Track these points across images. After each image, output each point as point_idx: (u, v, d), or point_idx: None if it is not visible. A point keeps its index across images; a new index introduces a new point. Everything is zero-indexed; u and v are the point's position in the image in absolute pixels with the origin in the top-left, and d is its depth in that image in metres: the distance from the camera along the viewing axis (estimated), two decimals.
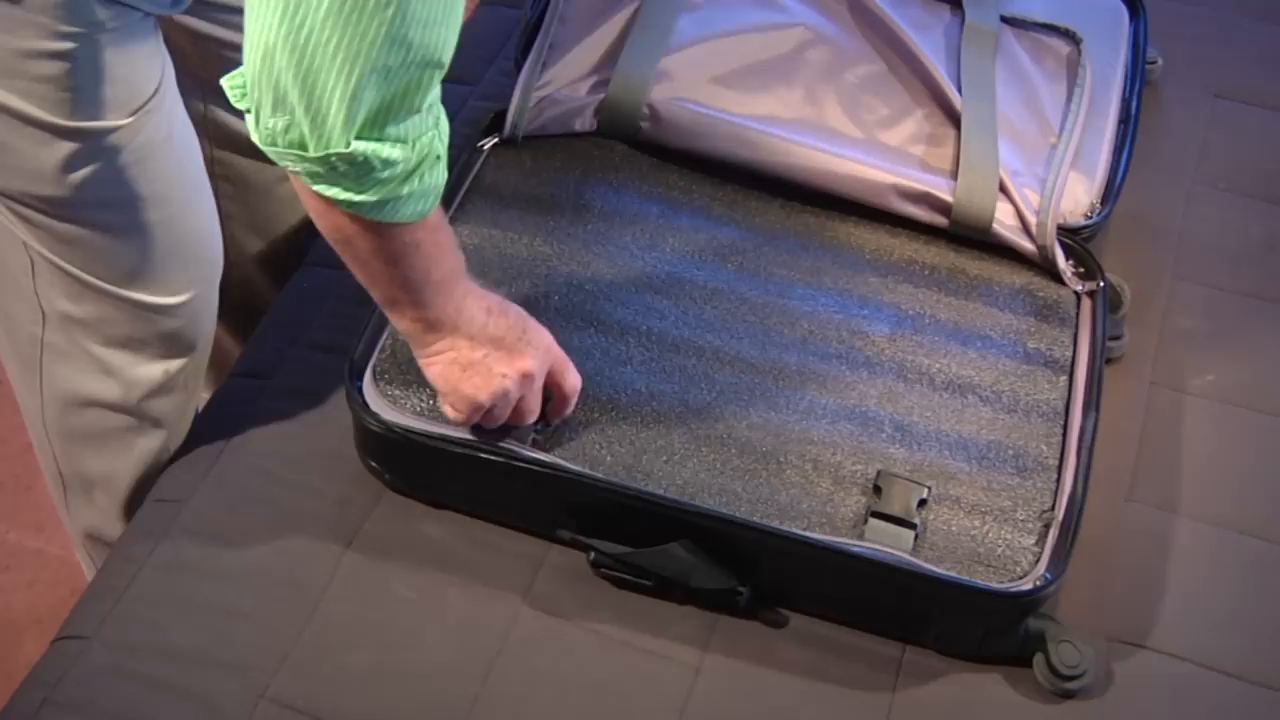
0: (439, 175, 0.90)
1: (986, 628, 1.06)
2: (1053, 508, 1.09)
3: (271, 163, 0.86)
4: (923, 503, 1.06)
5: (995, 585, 1.04)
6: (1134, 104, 1.38)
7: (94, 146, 1.00)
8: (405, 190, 0.87)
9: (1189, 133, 1.49)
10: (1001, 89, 1.32)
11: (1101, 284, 1.23)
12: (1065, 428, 1.16)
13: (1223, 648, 1.10)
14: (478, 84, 1.50)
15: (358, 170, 0.84)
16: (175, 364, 1.18)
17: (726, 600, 1.07)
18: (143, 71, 1.02)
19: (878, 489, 1.07)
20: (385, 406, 1.09)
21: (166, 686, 1.03)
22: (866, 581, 1.05)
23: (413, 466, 1.13)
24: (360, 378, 1.11)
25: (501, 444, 1.07)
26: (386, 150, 0.84)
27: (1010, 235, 1.24)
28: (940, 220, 1.25)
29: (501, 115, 1.30)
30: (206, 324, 1.20)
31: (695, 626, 1.08)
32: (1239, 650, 1.10)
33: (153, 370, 1.17)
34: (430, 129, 0.87)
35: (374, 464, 1.15)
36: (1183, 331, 1.31)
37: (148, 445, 1.22)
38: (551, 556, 1.10)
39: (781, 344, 1.17)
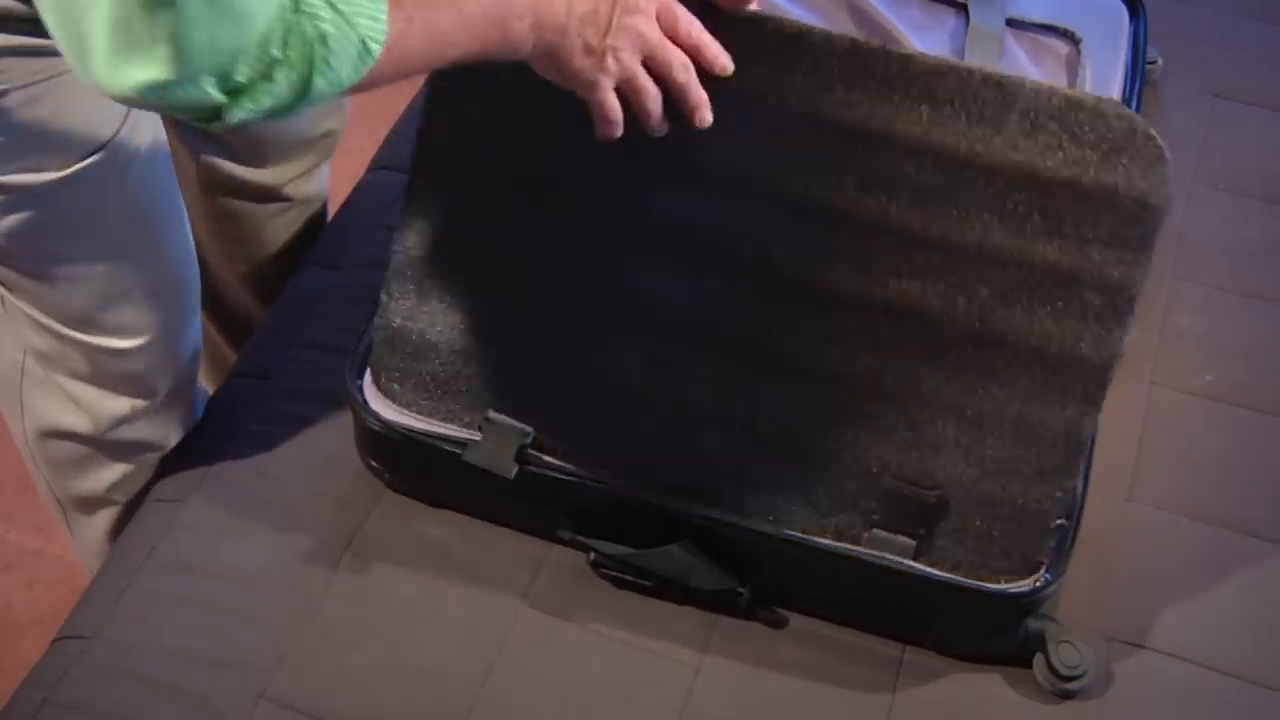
0: (344, 40, 0.74)
1: (986, 628, 1.06)
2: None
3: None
4: (924, 513, 1.06)
5: (995, 586, 1.04)
6: (1134, 104, 1.37)
7: (22, 198, 0.97)
8: (315, 91, 0.75)
9: (1189, 133, 1.49)
10: None
11: None
12: None
13: (1223, 648, 1.10)
14: None
15: (269, 114, 0.74)
16: (141, 402, 1.17)
17: (727, 601, 1.07)
18: (92, 121, 0.96)
19: (880, 496, 1.07)
20: (385, 406, 1.09)
21: (166, 686, 1.03)
22: (866, 583, 1.05)
23: (413, 466, 1.13)
24: (360, 377, 1.11)
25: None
26: (260, 97, 0.73)
27: None
28: None
29: None
30: (173, 365, 1.17)
31: (695, 626, 1.08)
32: (1239, 650, 1.10)
33: (118, 405, 1.16)
34: (278, 18, 0.71)
35: (374, 464, 1.15)
36: (1183, 331, 1.31)
37: (128, 469, 1.22)
38: (551, 556, 1.10)
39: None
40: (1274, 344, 1.31)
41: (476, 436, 1.07)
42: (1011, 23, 1.40)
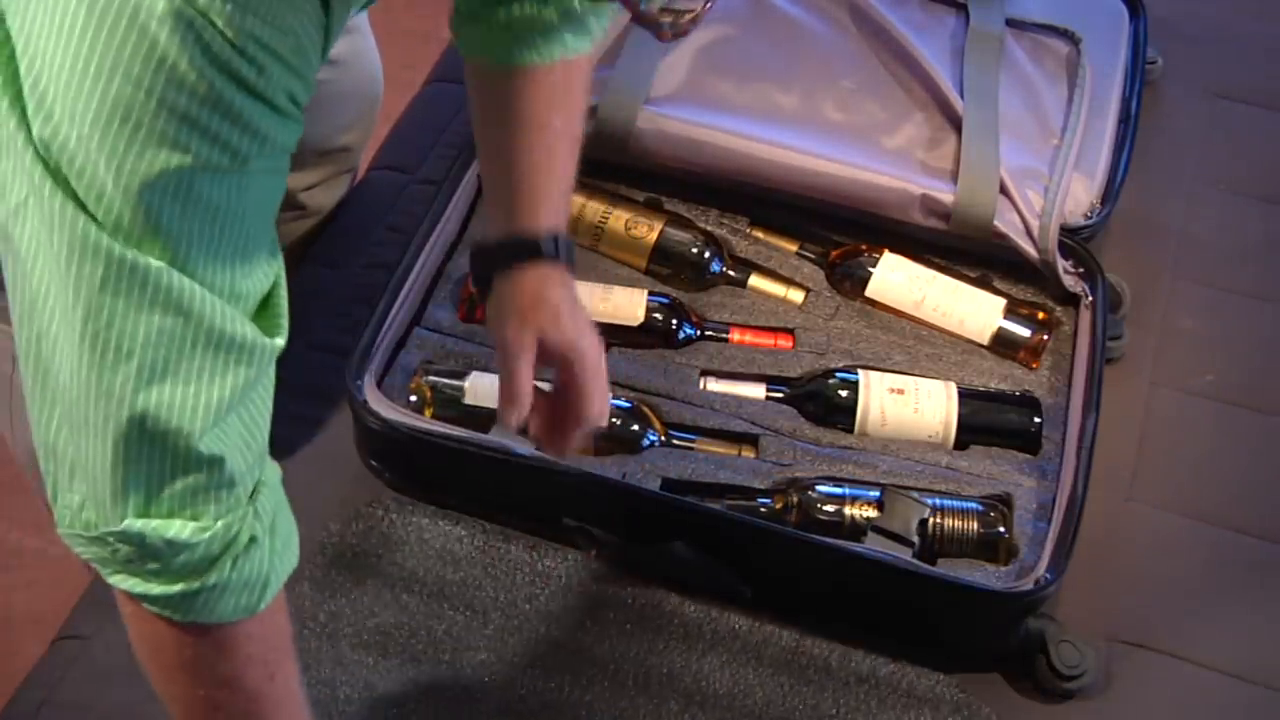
0: (257, 563, 0.74)
1: (986, 628, 1.06)
2: (1052, 507, 1.09)
3: None
4: (923, 522, 1.06)
5: (995, 585, 1.04)
6: (1134, 104, 1.38)
7: None
8: (212, 579, 0.72)
9: (1189, 133, 1.50)
10: (1002, 91, 1.32)
11: (1101, 284, 1.22)
12: (1065, 427, 1.16)
13: (1223, 648, 1.10)
14: None
15: (142, 553, 0.71)
16: None
17: (728, 599, 1.07)
18: None
19: (880, 504, 1.07)
20: (385, 405, 1.09)
21: None
22: (867, 582, 1.05)
23: (413, 465, 1.13)
24: (360, 377, 1.11)
25: (502, 443, 1.07)
26: (175, 529, 0.70)
27: (1011, 236, 1.23)
28: (939, 224, 1.25)
29: None
30: None
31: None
32: (1239, 650, 1.10)
33: None
34: (239, 507, 0.73)
35: (374, 463, 1.15)
36: (1183, 331, 1.31)
37: None
38: (552, 555, 1.10)
39: None
40: (1274, 344, 1.31)
41: (476, 436, 1.07)
42: (1011, 23, 1.40)
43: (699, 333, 1.22)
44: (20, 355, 0.69)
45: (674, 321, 1.21)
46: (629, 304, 1.20)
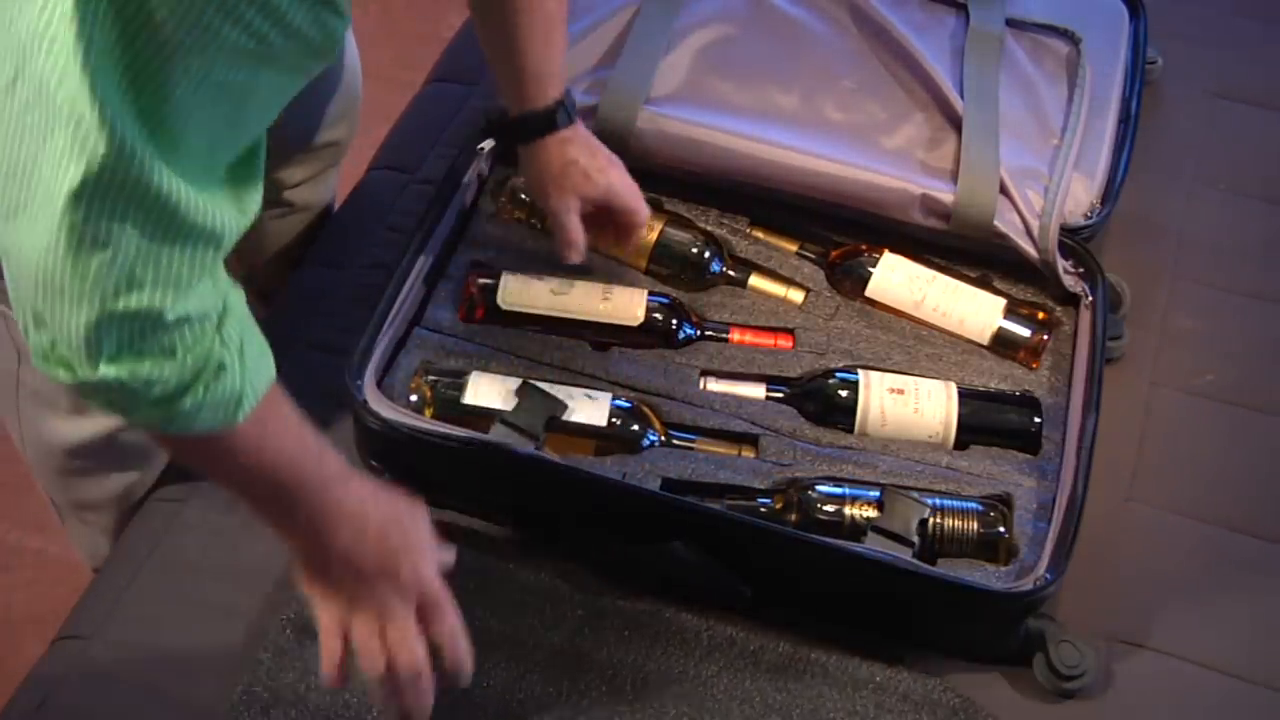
0: (229, 383, 0.78)
1: (986, 628, 1.06)
2: (1052, 507, 1.09)
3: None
4: (923, 522, 1.06)
5: (995, 585, 1.04)
6: (1134, 104, 1.38)
7: None
8: (185, 405, 0.76)
9: (1189, 133, 1.50)
10: (1002, 91, 1.32)
11: (1101, 284, 1.22)
12: (1065, 427, 1.16)
13: (1223, 648, 1.10)
14: (477, 84, 1.50)
15: (122, 394, 0.75)
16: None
17: (728, 599, 1.07)
18: None
19: (880, 504, 1.07)
20: (385, 405, 1.09)
21: (166, 686, 1.03)
22: (867, 582, 1.05)
23: (413, 465, 1.13)
24: (360, 377, 1.11)
25: (502, 444, 1.07)
26: (147, 368, 0.73)
27: (1011, 236, 1.23)
28: (939, 224, 1.25)
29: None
30: None
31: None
32: (1239, 650, 1.10)
33: (112, 420, 1.15)
34: (207, 336, 0.76)
35: (374, 463, 1.15)
36: (1183, 331, 1.31)
37: (127, 477, 1.22)
38: (553, 555, 1.10)
39: None
40: (1274, 344, 1.31)
41: (477, 436, 1.07)
42: (1011, 23, 1.40)
43: (699, 333, 1.22)
44: None
45: (674, 321, 1.21)
46: (629, 304, 1.20)
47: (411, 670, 0.91)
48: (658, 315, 1.21)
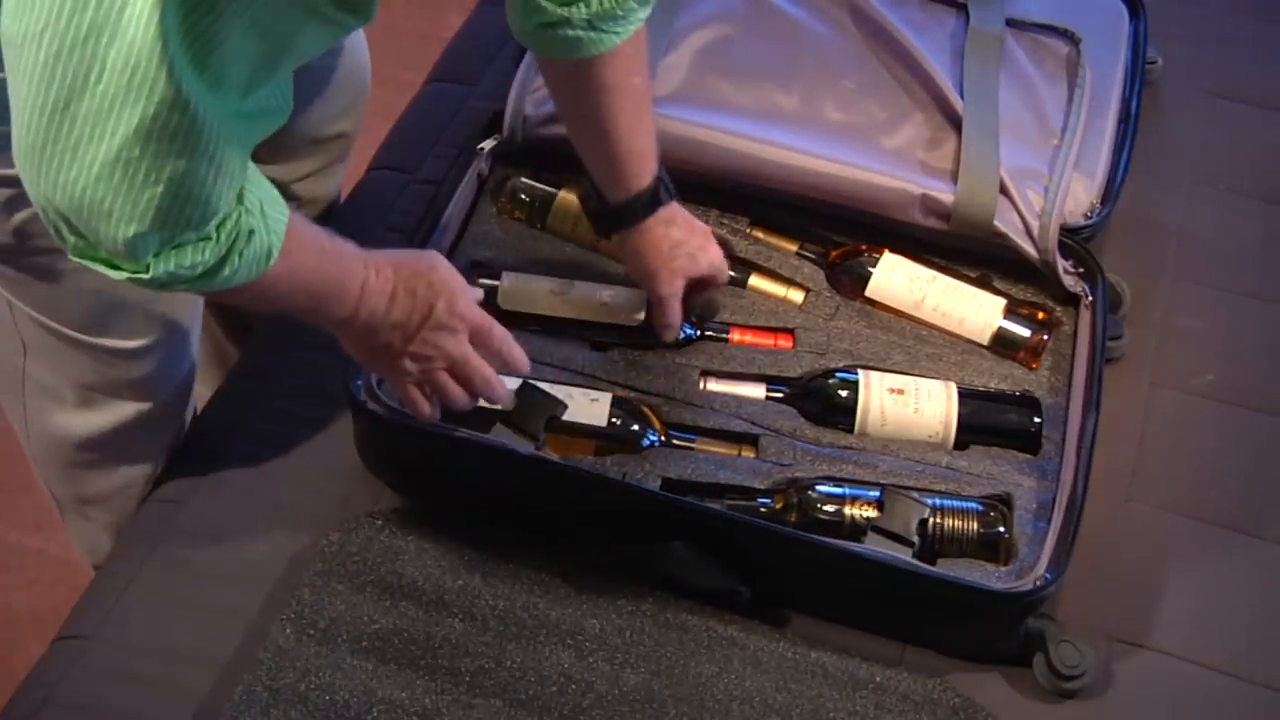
0: (259, 242, 0.86)
1: (986, 628, 1.06)
2: (1052, 507, 1.09)
3: None
4: (923, 522, 1.06)
5: (995, 585, 1.04)
6: (1134, 104, 1.38)
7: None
8: (226, 272, 0.84)
9: (1189, 133, 1.50)
10: (1002, 91, 1.32)
11: (1101, 284, 1.22)
12: (1065, 427, 1.16)
13: (1223, 648, 1.10)
14: (477, 84, 1.50)
15: (166, 280, 0.82)
16: (143, 406, 1.17)
17: (727, 600, 1.07)
18: None
19: (880, 504, 1.07)
20: (385, 405, 1.09)
21: (166, 686, 1.03)
22: (867, 582, 1.05)
23: (413, 465, 1.13)
24: (360, 377, 1.11)
25: (502, 443, 1.07)
26: (190, 255, 0.82)
27: (1011, 236, 1.23)
28: (939, 224, 1.24)
29: (499, 115, 1.30)
30: (175, 369, 1.18)
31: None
32: (1239, 650, 1.10)
33: (120, 410, 1.16)
34: (235, 212, 0.83)
35: (374, 462, 1.15)
36: (1183, 331, 1.31)
37: (131, 471, 1.22)
38: (551, 564, 1.10)
39: None
40: (1274, 344, 1.31)
41: (477, 436, 1.07)
42: (1011, 23, 1.40)
43: (699, 333, 1.22)
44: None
45: None
46: (629, 304, 1.20)
47: (486, 389, 1.04)
48: None
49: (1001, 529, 1.08)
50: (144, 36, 0.69)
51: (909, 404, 1.15)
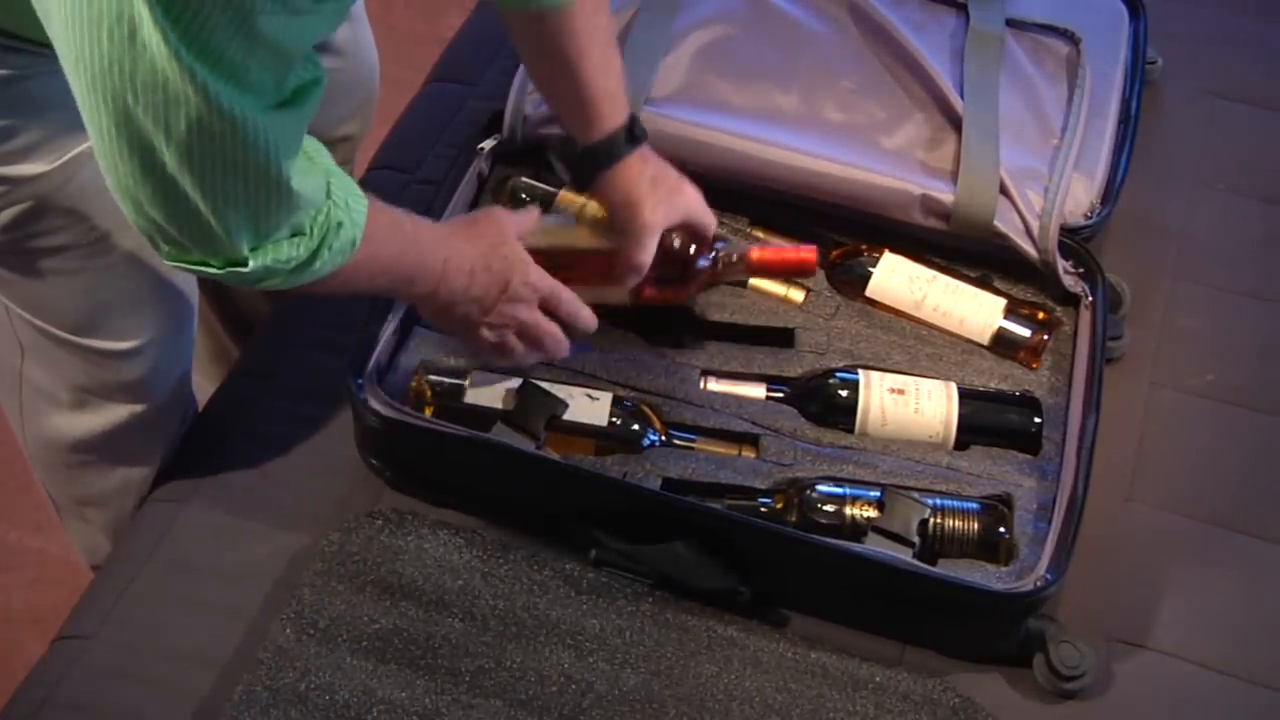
0: (345, 234, 0.91)
1: (986, 628, 1.06)
2: (1053, 507, 1.09)
3: None
4: (924, 522, 1.06)
5: (996, 586, 1.04)
6: (1134, 104, 1.38)
7: (16, 189, 0.98)
8: (317, 265, 0.90)
9: (1189, 133, 1.50)
10: (1002, 91, 1.32)
11: (1101, 284, 1.22)
12: (1065, 428, 1.16)
13: (1223, 648, 1.10)
14: (477, 84, 1.50)
15: (265, 273, 0.87)
16: (139, 407, 1.17)
17: (727, 600, 1.07)
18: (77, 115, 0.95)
19: (881, 504, 1.07)
20: (385, 404, 1.09)
21: (166, 686, 1.03)
22: (867, 582, 1.05)
23: (413, 464, 1.13)
24: (360, 375, 1.11)
25: (503, 443, 1.07)
26: (285, 250, 0.87)
27: (1011, 236, 1.23)
28: (939, 224, 1.24)
29: (499, 115, 1.30)
30: (170, 370, 1.19)
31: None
32: (1239, 650, 1.10)
33: (117, 411, 1.17)
34: (322, 203, 0.89)
35: (374, 461, 1.15)
36: (1183, 331, 1.31)
37: (128, 472, 1.22)
38: (551, 564, 1.10)
39: None
40: (1274, 344, 1.31)
41: (477, 435, 1.07)
42: (1011, 23, 1.40)
43: (717, 264, 1.19)
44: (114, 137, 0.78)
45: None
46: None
47: (556, 347, 1.11)
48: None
49: (1002, 529, 1.08)
50: (159, 54, 0.72)
51: (909, 404, 1.15)
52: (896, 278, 1.25)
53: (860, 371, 1.18)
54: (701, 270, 1.18)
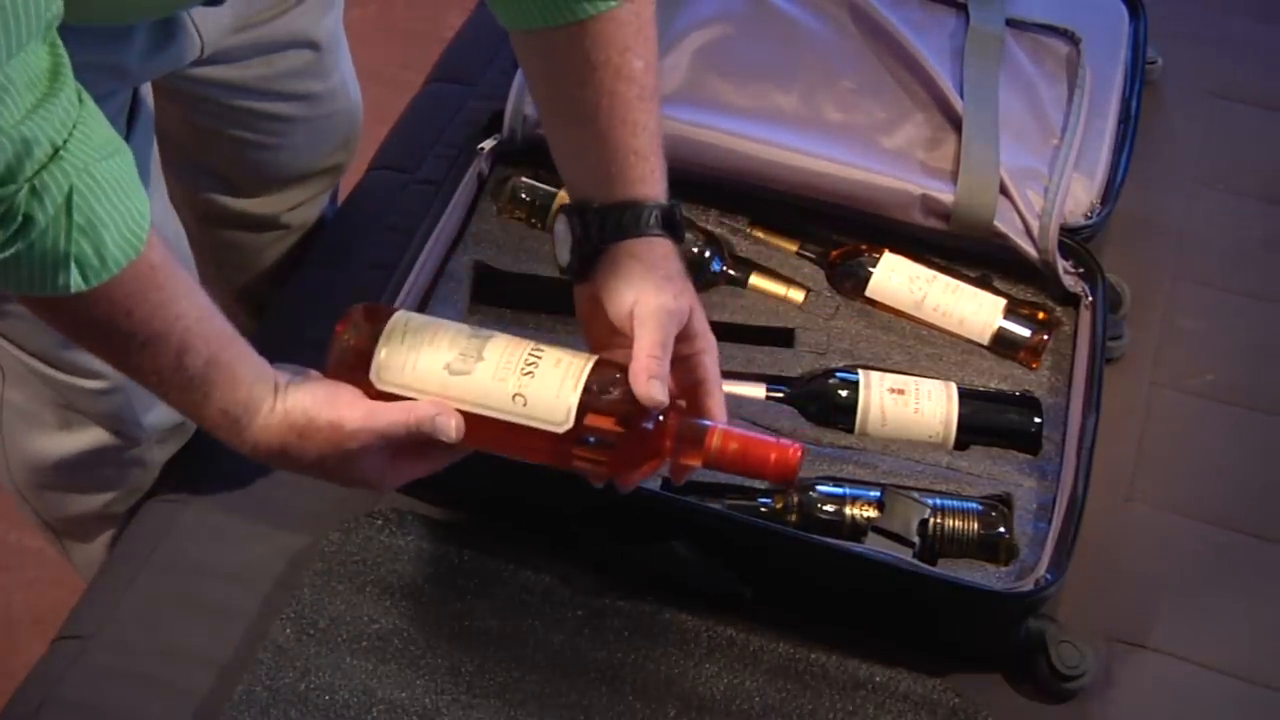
0: (52, 242, 0.71)
1: (986, 628, 1.06)
2: (1053, 507, 1.09)
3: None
4: (924, 522, 1.06)
5: (996, 586, 1.04)
6: (1134, 104, 1.38)
7: None
8: (5, 255, 0.71)
9: (1189, 133, 1.50)
10: (1002, 91, 1.32)
11: (1101, 284, 1.22)
12: (1065, 428, 1.16)
13: (1223, 648, 1.10)
14: (477, 84, 1.50)
15: None
16: (117, 441, 1.15)
17: (728, 600, 1.07)
18: None
19: (881, 504, 1.07)
20: None
21: (166, 686, 1.03)
22: (867, 582, 1.05)
23: None
24: None
25: None
26: None
27: (1011, 236, 1.23)
28: (939, 224, 1.25)
29: (499, 115, 1.30)
30: (151, 404, 1.13)
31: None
32: (1239, 650, 1.10)
33: (100, 435, 1.14)
34: (18, 184, 0.69)
35: None
36: (1183, 331, 1.31)
37: (116, 490, 1.21)
38: (550, 563, 1.10)
39: None
40: (1274, 344, 1.31)
41: None
42: (1011, 23, 1.40)
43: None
44: None
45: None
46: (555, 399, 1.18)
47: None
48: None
49: (1002, 529, 1.08)
50: None
51: (909, 404, 1.15)
52: (896, 278, 1.25)
53: (860, 371, 1.18)
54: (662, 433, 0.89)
